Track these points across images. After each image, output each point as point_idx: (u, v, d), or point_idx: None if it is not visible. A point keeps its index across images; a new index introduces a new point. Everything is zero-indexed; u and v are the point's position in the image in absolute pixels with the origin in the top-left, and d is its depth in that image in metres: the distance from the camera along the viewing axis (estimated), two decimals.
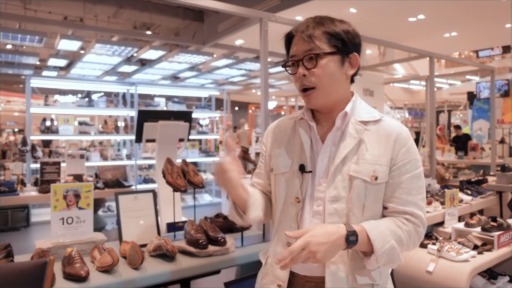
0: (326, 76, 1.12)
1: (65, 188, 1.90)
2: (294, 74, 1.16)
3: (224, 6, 3.41)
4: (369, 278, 1.12)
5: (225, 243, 1.90)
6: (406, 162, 1.13)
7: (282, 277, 1.17)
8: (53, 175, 3.66)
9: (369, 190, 1.11)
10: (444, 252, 2.40)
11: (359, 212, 1.11)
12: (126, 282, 1.60)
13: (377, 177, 1.11)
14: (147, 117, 3.68)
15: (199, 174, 2.21)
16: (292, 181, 1.19)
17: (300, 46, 1.13)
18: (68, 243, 1.86)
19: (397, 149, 1.13)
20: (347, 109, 1.16)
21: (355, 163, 1.12)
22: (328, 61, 1.12)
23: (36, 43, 5.12)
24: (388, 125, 1.16)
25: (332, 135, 1.17)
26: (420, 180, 1.15)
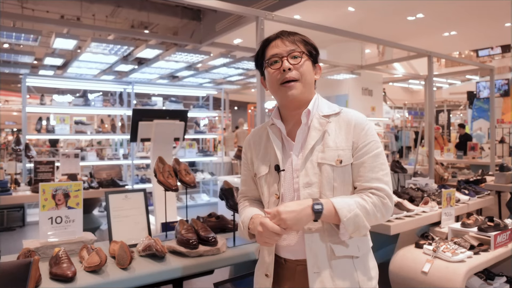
0: (306, 73, 1.30)
1: (54, 187, 1.87)
2: (276, 69, 1.30)
3: (220, 4, 3.39)
4: (347, 250, 1.25)
5: (216, 243, 1.87)
6: (366, 143, 1.28)
7: (269, 268, 1.32)
8: (47, 175, 3.63)
9: (336, 173, 1.26)
10: (440, 252, 2.37)
11: (330, 193, 1.25)
12: (113, 283, 1.57)
13: (341, 160, 1.27)
14: (142, 116, 3.64)
15: (191, 173, 2.18)
16: (271, 181, 1.35)
17: (284, 46, 1.30)
18: (56, 243, 1.83)
19: (357, 133, 1.28)
20: (310, 107, 1.31)
21: (321, 152, 1.28)
22: (307, 61, 1.31)
23: (31, 42, 5.08)
24: (347, 114, 1.33)
25: (301, 132, 1.32)
26: (380, 157, 1.29)
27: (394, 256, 2.54)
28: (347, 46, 9.03)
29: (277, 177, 1.32)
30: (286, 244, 1.30)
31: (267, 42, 1.35)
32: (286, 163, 1.32)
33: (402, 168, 3.74)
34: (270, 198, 1.34)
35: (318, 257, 1.23)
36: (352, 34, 4.93)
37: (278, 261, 1.32)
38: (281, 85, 1.28)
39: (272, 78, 1.31)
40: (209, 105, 7.15)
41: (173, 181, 2.10)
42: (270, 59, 1.31)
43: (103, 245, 1.98)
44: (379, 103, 10.36)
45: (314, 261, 1.23)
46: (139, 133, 3.60)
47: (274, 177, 1.33)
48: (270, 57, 1.31)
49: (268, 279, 1.31)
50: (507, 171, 4.47)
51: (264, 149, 1.39)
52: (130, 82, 6.12)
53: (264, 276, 1.32)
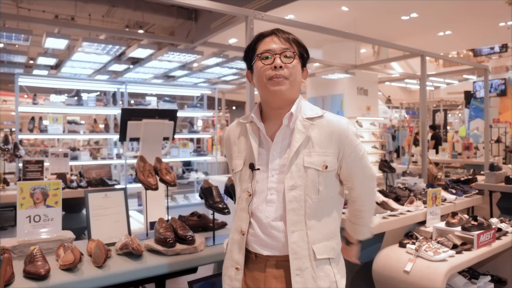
0: (296, 73, 1.30)
1: (32, 186, 1.88)
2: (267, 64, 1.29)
3: (209, 4, 3.39)
4: (326, 252, 1.29)
5: (194, 241, 1.87)
6: (352, 149, 1.33)
7: (239, 261, 1.33)
8: (36, 174, 3.63)
9: (321, 177, 1.29)
10: (422, 251, 2.37)
11: (315, 196, 1.28)
12: (87, 281, 1.58)
13: (327, 166, 1.29)
14: (131, 115, 3.64)
15: (171, 172, 2.18)
16: (244, 178, 1.36)
17: (279, 44, 1.30)
18: (34, 241, 1.83)
19: (342, 141, 1.31)
20: (293, 110, 1.31)
21: (308, 155, 1.28)
22: (297, 63, 1.31)
23: (23, 42, 5.08)
24: (330, 120, 1.33)
25: (281, 133, 1.32)
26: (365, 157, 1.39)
27: (377, 255, 2.54)
28: (341, 45, 9.03)
29: (251, 175, 1.33)
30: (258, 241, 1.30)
31: (261, 36, 1.34)
32: (261, 162, 1.33)
33: (390, 167, 3.74)
34: (242, 194, 1.35)
35: (301, 259, 1.25)
36: (346, 34, 4.94)
37: (248, 256, 1.33)
38: (269, 80, 1.28)
39: (260, 72, 1.29)
40: (203, 105, 7.15)
41: (153, 180, 2.10)
42: (263, 54, 1.29)
43: (83, 244, 1.99)
44: (374, 102, 10.35)
45: (297, 264, 1.24)
46: (128, 133, 3.60)
47: (248, 174, 1.34)
48: (263, 51, 1.30)
49: (238, 272, 1.32)
50: (497, 170, 4.47)
51: (241, 145, 1.39)
52: (123, 82, 6.12)
53: (234, 269, 1.33)
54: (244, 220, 1.32)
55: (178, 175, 6.98)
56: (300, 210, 1.26)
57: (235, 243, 1.34)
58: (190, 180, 7.18)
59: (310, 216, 1.27)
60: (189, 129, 7.04)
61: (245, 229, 1.31)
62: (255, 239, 1.31)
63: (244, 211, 1.33)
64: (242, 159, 1.37)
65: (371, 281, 2.54)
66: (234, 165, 1.40)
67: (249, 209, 1.32)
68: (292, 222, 1.26)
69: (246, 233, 1.31)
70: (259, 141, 1.35)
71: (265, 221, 1.29)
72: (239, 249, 1.33)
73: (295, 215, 1.26)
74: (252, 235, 1.31)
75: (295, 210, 1.26)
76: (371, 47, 11.42)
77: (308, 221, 1.26)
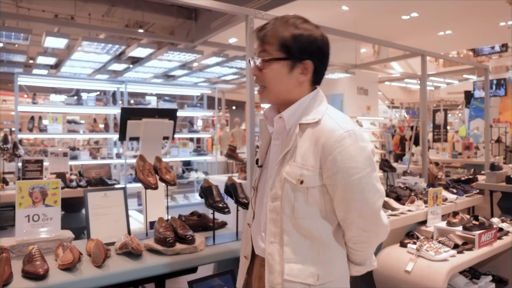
0: (272, 80, 1.15)
1: (31, 185, 1.86)
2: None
3: (209, 3, 3.38)
4: (299, 275, 1.12)
5: (194, 241, 1.86)
6: (337, 170, 1.08)
7: (247, 251, 1.31)
8: (35, 173, 3.62)
9: (297, 193, 1.12)
10: (423, 251, 2.36)
11: (290, 212, 1.13)
12: (86, 280, 1.56)
13: (302, 181, 1.10)
14: (131, 114, 3.63)
15: (171, 171, 2.17)
16: (255, 172, 1.34)
17: (256, 46, 1.17)
18: (33, 241, 1.82)
19: (324, 156, 1.09)
20: (285, 114, 1.17)
21: (289, 165, 1.14)
22: (275, 66, 1.13)
23: (22, 41, 5.07)
24: (323, 127, 1.12)
25: (277, 135, 1.22)
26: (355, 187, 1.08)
27: (378, 255, 2.53)
28: (342, 45, 9.01)
29: (258, 170, 1.31)
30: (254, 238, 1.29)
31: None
32: (266, 160, 1.29)
33: (390, 167, 3.73)
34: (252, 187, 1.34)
35: (273, 274, 1.15)
36: (346, 34, 4.91)
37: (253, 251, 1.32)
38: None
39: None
40: (203, 104, 7.14)
41: (153, 179, 2.09)
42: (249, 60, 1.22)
43: (82, 243, 1.97)
44: (374, 102, 10.35)
45: (269, 277, 1.16)
46: (127, 132, 3.59)
47: (256, 169, 1.33)
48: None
49: (246, 261, 1.31)
50: (498, 170, 4.46)
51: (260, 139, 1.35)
52: (123, 81, 6.11)
53: (243, 257, 1.33)
54: (250, 213, 1.33)
55: (178, 175, 6.97)
56: (278, 222, 1.15)
57: (245, 233, 1.35)
58: (190, 179, 7.17)
59: (287, 232, 1.13)
60: (189, 128, 7.03)
61: (250, 222, 1.32)
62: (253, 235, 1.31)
63: (251, 205, 1.33)
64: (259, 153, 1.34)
65: (371, 280, 2.53)
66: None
67: (253, 204, 1.31)
68: (271, 233, 1.16)
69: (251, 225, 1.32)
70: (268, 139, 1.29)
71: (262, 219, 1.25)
72: (247, 240, 1.33)
73: (274, 226, 1.16)
74: (253, 230, 1.31)
75: (274, 221, 1.16)
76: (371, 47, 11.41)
77: (285, 237, 1.13)
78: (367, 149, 1.11)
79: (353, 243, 1.19)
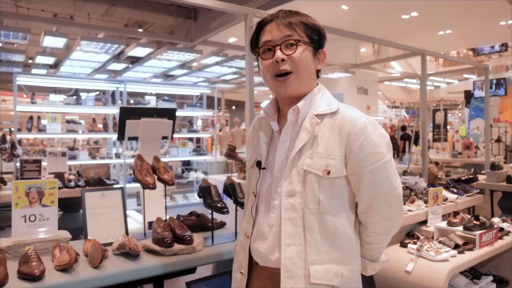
0: (303, 63, 1.13)
1: (27, 185, 1.85)
2: (268, 59, 1.14)
3: (209, 2, 3.36)
4: (326, 277, 1.08)
5: (192, 241, 1.84)
6: (364, 156, 1.09)
7: (244, 266, 1.23)
8: (33, 173, 3.60)
9: (323, 185, 1.09)
10: (424, 251, 2.35)
11: (315, 207, 1.09)
12: (82, 281, 1.54)
13: (329, 171, 1.08)
14: (130, 114, 3.61)
15: (169, 171, 2.15)
16: (253, 176, 1.26)
17: (278, 32, 1.12)
18: (29, 241, 1.80)
19: (351, 144, 1.10)
20: (299, 104, 1.14)
21: (309, 157, 1.10)
22: (304, 49, 1.13)
23: (21, 40, 5.05)
24: (343, 117, 1.12)
25: (288, 130, 1.17)
26: (382, 172, 1.11)
27: None
28: (341, 44, 9.01)
29: (258, 174, 1.22)
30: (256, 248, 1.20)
31: (262, 24, 1.18)
32: (269, 161, 1.20)
33: None
34: (249, 194, 1.26)
35: (294, 279, 1.07)
36: (346, 33, 4.90)
37: (251, 261, 1.24)
38: (274, 78, 1.14)
39: (265, 68, 1.16)
40: (203, 104, 7.12)
41: (151, 179, 2.07)
42: (262, 47, 1.15)
43: (79, 244, 1.96)
44: (374, 102, 10.34)
45: (289, 283, 1.08)
46: (126, 132, 3.57)
47: (256, 173, 1.23)
48: (262, 44, 1.15)
49: (243, 277, 1.23)
50: (498, 169, 4.45)
51: (256, 141, 1.28)
52: (122, 81, 6.09)
53: (239, 273, 1.25)
54: (249, 222, 1.24)
55: (177, 175, 6.95)
56: (298, 220, 1.09)
57: (241, 246, 1.26)
58: (189, 179, 7.15)
59: (310, 229, 1.08)
60: (188, 128, 7.01)
61: (249, 232, 1.22)
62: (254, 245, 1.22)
63: (249, 213, 1.24)
64: (254, 156, 1.27)
65: (372, 281, 2.51)
66: (248, 160, 1.32)
67: (253, 211, 1.23)
68: (288, 234, 1.09)
69: (250, 236, 1.22)
70: (271, 138, 1.23)
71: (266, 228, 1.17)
72: (243, 253, 1.24)
73: (291, 226, 1.09)
74: (254, 240, 1.22)
75: (292, 220, 1.10)
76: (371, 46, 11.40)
77: (308, 235, 1.08)
78: (386, 136, 1.15)
79: (376, 236, 1.18)
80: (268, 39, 1.14)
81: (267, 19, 1.17)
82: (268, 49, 1.15)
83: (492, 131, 10.71)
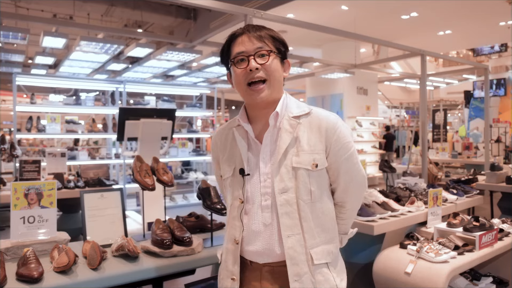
0: (275, 71, 1.24)
1: (26, 186, 1.84)
2: (242, 68, 1.23)
3: (208, 2, 3.36)
4: (324, 256, 1.25)
5: (191, 243, 1.84)
6: (338, 148, 1.26)
7: (235, 272, 1.27)
8: (33, 174, 3.60)
9: (312, 177, 1.24)
10: (423, 253, 2.34)
11: (307, 198, 1.23)
12: (81, 283, 1.54)
13: (317, 164, 1.24)
14: (129, 115, 3.61)
15: (169, 172, 2.14)
16: (235, 184, 1.30)
17: (250, 43, 1.23)
18: (28, 243, 1.80)
19: (329, 138, 1.25)
20: (278, 109, 1.25)
21: (296, 155, 1.23)
22: (274, 59, 1.25)
23: (20, 40, 5.05)
24: (317, 116, 1.27)
25: (269, 134, 1.26)
26: (353, 158, 1.30)
27: (378, 256, 2.51)
28: (341, 45, 9.00)
29: (241, 181, 1.28)
30: (253, 249, 1.25)
31: (233, 37, 1.27)
32: (252, 166, 1.27)
33: (390, 167, 3.71)
34: (233, 202, 1.29)
35: (298, 265, 1.20)
36: (346, 33, 4.90)
37: (243, 263, 1.28)
38: (249, 87, 1.22)
39: (238, 77, 1.24)
40: (203, 104, 7.12)
41: (150, 180, 2.06)
42: (236, 57, 1.24)
43: (78, 245, 1.95)
44: (374, 102, 10.33)
45: (294, 269, 1.19)
46: (126, 132, 3.57)
47: (238, 180, 1.29)
48: (236, 55, 1.24)
49: (234, 282, 1.27)
50: (498, 170, 4.44)
51: (230, 150, 1.33)
52: (121, 81, 6.09)
53: (229, 280, 1.28)
54: (237, 229, 1.27)
55: (177, 175, 6.95)
56: (294, 213, 1.21)
57: (230, 253, 1.29)
58: (189, 180, 7.15)
59: (306, 218, 1.22)
60: (188, 128, 7.00)
61: (238, 238, 1.26)
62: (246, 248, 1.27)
63: (237, 219, 1.28)
64: (232, 164, 1.31)
65: (371, 282, 2.51)
66: (223, 171, 1.35)
67: (242, 217, 1.27)
68: (287, 226, 1.20)
69: (240, 241, 1.26)
70: (247, 145, 1.30)
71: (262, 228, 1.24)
72: (234, 260, 1.27)
73: (288, 219, 1.21)
74: (247, 244, 1.26)
75: (288, 214, 1.21)
76: (370, 47, 11.39)
77: (304, 224, 1.21)
78: (348, 127, 1.34)
79: (350, 212, 1.37)
80: (241, 50, 1.23)
81: (238, 32, 1.27)
82: (241, 59, 1.24)
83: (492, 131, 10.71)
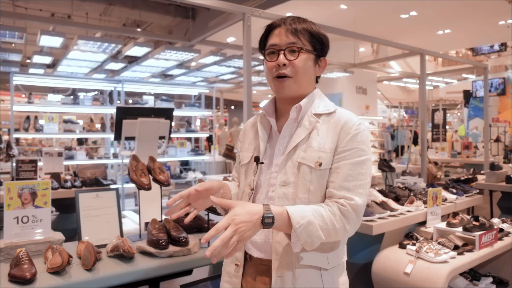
0: (302, 70, 1.22)
1: (19, 186, 1.81)
2: (272, 61, 1.23)
3: (207, 1, 3.34)
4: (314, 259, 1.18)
5: (187, 243, 1.81)
6: (347, 149, 1.18)
7: (239, 257, 1.27)
8: (29, 174, 3.56)
9: (313, 176, 1.19)
10: (423, 253, 2.32)
11: (304, 196, 1.18)
12: (75, 284, 1.51)
13: (321, 163, 1.18)
14: (126, 114, 3.57)
15: (165, 171, 2.12)
16: (249, 171, 1.31)
17: (284, 37, 1.21)
18: (22, 243, 1.77)
19: (342, 136, 1.19)
20: (302, 103, 1.24)
21: (304, 151, 1.21)
22: (306, 57, 1.22)
23: (17, 39, 5.01)
24: (339, 116, 1.24)
25: (289, 127, 1.26)
26: (360, 167, 1.18)
27: (377, 256, 2.49)
28: (340, 44, 8.98)
29: (255, 169, 1.29)
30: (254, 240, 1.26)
31: (270, 28, 1.27)
32: (267, 156, 1.28)
33: (389, 166, 3.68)
34: (245, 189, 1.31)
35: (282, 261, 1.17)
36: (345, 32, 4.88)
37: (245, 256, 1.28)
38: (275, 79, 1.23)
39: (267, 69, 1.26)
40: (201, 104, 7.09)
41: (146, 180, 2.04)
42: (268, 49, 1.25)
43: (73, 246, 1.93)
44: (373, 101, 10.31)
45: (278, 265, 1.18)
46: (123, 132, 3.53)
47: (253, 168, 1.29)
48: (268, 46, 1.25)
49: (238, 268, 1.27)
50: (498, 170, 4.43)
51: (253, 138, 1.35)
52: (120, 81, 6.05)
53: (233, 265, 1.28)
54: None
55: (175, 175, 6.92)
56: None
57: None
58: (187, 179, 7.11)
59: None
60: (186, 128, 6.97)
61: None
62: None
63: None
64: (251, 152, 1.32)
65: (370, 283, 2.49)
66: (242, 157, 1.37)
67: None
68: None
69: None
70: (269, 135, 1.31)
71: None
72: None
73: None
74: None
75: None
76: (370, 46, 11.37)
77: None
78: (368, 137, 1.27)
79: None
80: (274, 42, 1.23)
81: (276, 23, 1.25)
82: (272, 51, 1.23)
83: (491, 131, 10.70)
